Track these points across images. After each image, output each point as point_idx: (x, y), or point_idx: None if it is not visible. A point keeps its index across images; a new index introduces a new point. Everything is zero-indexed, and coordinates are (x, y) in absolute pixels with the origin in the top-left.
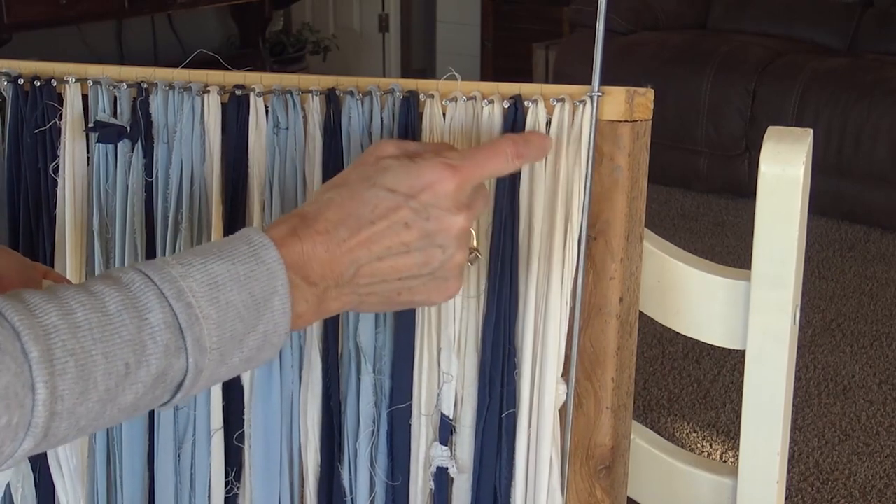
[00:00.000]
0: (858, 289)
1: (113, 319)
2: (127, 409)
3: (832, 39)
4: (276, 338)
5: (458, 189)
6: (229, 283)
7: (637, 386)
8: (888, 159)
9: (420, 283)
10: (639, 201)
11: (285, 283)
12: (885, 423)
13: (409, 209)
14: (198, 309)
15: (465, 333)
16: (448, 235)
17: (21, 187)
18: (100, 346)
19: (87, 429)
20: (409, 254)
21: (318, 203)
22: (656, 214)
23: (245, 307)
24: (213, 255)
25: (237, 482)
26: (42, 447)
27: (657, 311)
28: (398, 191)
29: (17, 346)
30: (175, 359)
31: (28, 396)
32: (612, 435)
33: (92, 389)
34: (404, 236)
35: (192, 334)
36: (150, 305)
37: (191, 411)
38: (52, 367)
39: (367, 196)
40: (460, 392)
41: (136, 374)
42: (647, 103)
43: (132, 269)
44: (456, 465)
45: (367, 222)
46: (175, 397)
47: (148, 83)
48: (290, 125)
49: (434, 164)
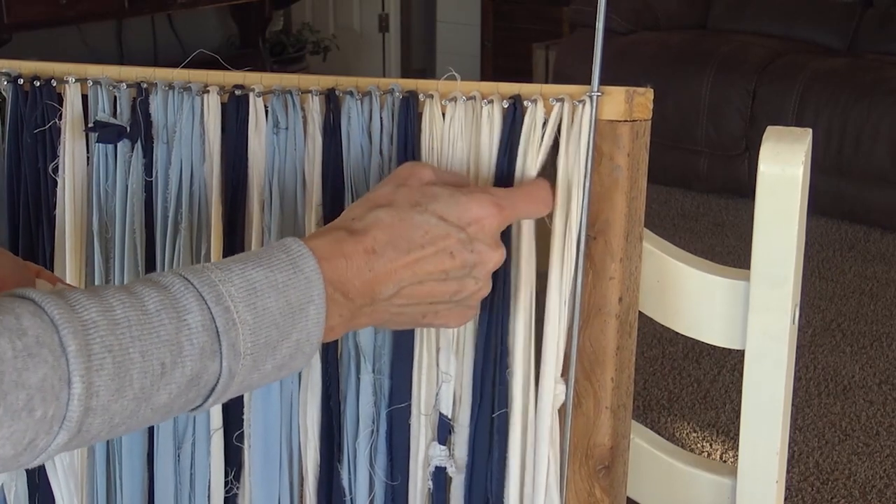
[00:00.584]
0: (858, 289)
1: (152, 319)
2: (160, 409)
3: (832, 39)
4: (308, 347)
5: (500, 226)
6: (267, 290)
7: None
8: (888, 159)
9: (446, 309)
10: (638, 201)
11: (322, 292)
12: (885, 423)
13: (457, 239)
14: (235, 314)
15: (463, 333)
16: (484, 269)
17: (21, 187)
18: (137, 345)
19: (119, 427)
20: (447, 282)
21: (366, 220)
22: (656, 214)
23: (281, 314)
24: (251, 262)
25: (237, 482)
26: (75, 443)
27: (657, 311)
28: (449, 220)
29: (55, 338)
30: (210, 362)
31: (64, 390)
32: (611, 435)
33: (127, 387)
34: (447, 264)
35: (227, 338)
36: (189, 307)
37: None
38: (90, 361)
39: (418, 220)
40: (458, 392)
41: (171, 375)
42: (646, 103)
43: (172, 273)
44: (454, 464)
45: (417, 246)
46: (207, 402)
47: (148, 83)
48: (289, 125)
49: (483, 199)
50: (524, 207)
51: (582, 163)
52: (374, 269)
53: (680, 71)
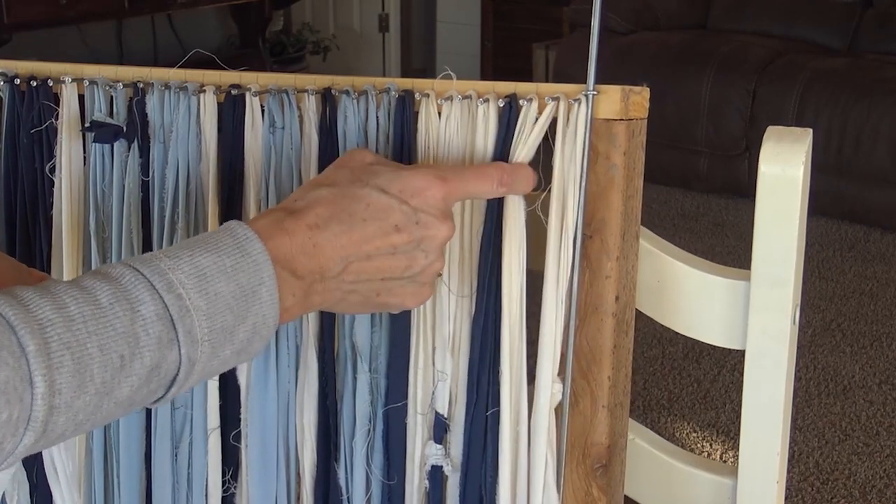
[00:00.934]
0: (858, 289)
1: (106, 312)
2: (123, 402)
3: (832, 39)
4: (265, 329)
5: (445, 199)
6: (217, 275)
7: (637, 386)
8: (888, 159)
9: (399, 286)
10: (634, 200)
11: (272, 273)
12: (885, 423)
13: (401, 212)
14: (188, 300)
15: (459, 332)
16: (432, 242)
17: (17, 187)
18: (94, 339)
19: (84, 424)
20: (396, 256)
21: (307, 199)
22: (656, 214)
23: (234, 298)
24: (199, 248)
25: (234, 481)
26: (41, 443)
27: (657, 310)
28: (391, 192)
29: (13, 340)
30: (168, 350)
31: (27, 390)
32: (608, 433)
33: (89, 382)
34: (394, 238)
35: (183, 326)
36: (141, 298)
37: (187, 411)
38: (50, 360)
39: (359, 194)
40: (454, 391)
41: (130, 367)
42: (642, 102)
43: (121, 265)
44: (450, 463)
45: (359, 219)
46: (169, 392)
47: (144, 83)
48: (286, 125)
49: (425, 172)
50: (474, 184)
51: (578, 161)
52: (318, 244)
53: (680, 71)
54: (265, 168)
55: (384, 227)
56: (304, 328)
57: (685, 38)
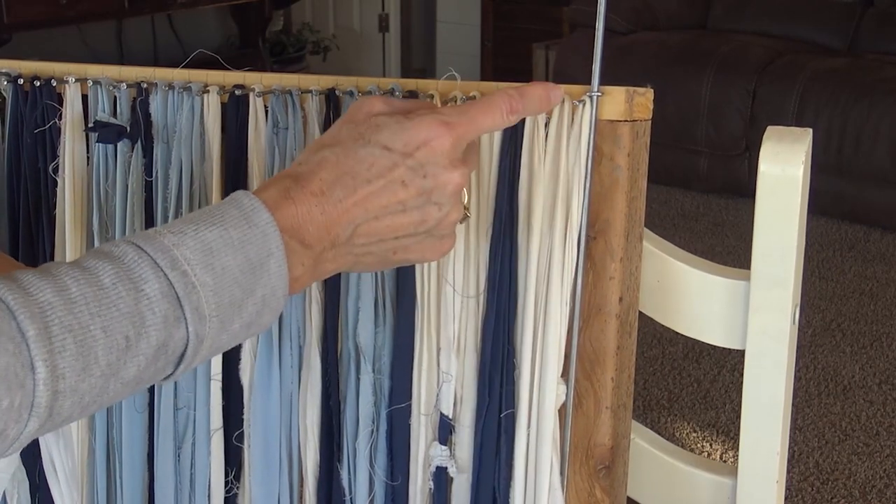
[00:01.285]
0: (858, 289)
1: (109, 293)
2: (130, 382)
3: (832, 39)
4: (274, 301)
5: (454, 146)
6: (223, 249)
7: (637, 386)
8: (888, 159)
9: (415, 242)
10: (638, 201)
11: (280, 244)
12: (885, 423)
13: (406, 167)
14: (193, 277)
15: (464, 333)
16: (444, 193)
17: (21, 187)
18: (98, 321)
19: (91, 406)
20: (406, 212)
21: (311, 163)
22: (656, 214)
23: (241, 272)
24: (204, 222)
25: (237, 482)
26: (48, 427)
27: (657, 310)
28: (394, 149)
29: (12, 325)
30: (175, 329)
31: (28, 376)
32: (611, 435)
33: (93, 365)
34: (401, 195)
35: (189, 303)
36: (145, 276)
37: (190, 411)
38: (51, 344)
39: (362, 154)
40: (459, 392)
41: (136, 347)
42: (646, 103)
43: (124, 242)
44: (455, 464)
45: (363, 181)
46: (178, 369)
47: (147, 83)
48: (289, 125)
49: (429, 120)
50: (483, 120)
51: (582, 163)
52: (325, 211)
53: (680, 71)
54: (268, 168)
55: (390, 186)
56: (307, 329)
57: (685, 38)
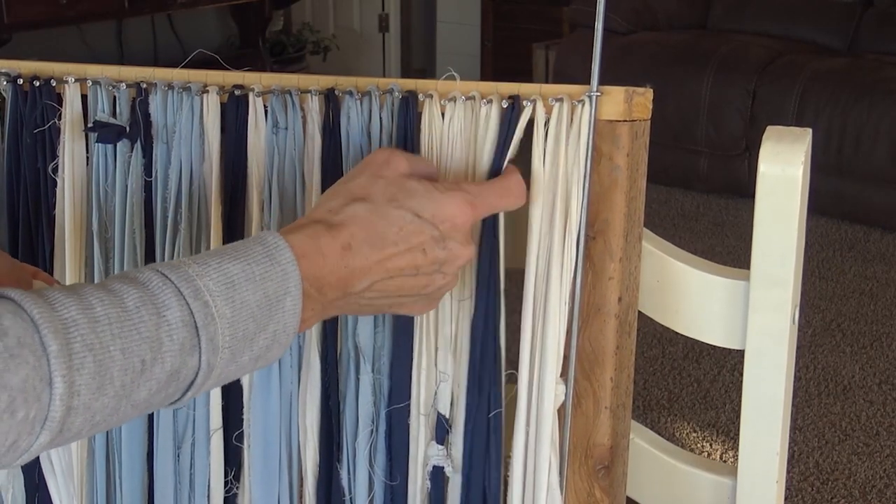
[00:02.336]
0: (858, 289)
1: (132, 316)
2: (140, 405)
3: (832, 39)
4: (284, 337)
5: (472, 224)
6: (245, 283)
7: (637, 386)
8: (888, 159)
9: (412, 301)
10: (638, 201)
11: (298, 283)
12: (885, 423)
13: (430, 237)
14: (214, 308)
15: (459, 334)
16: (454, 265)
17: (20, 187)
18: (118, 342)
19: (100, 424)
20: (417, 277)
21: (344, 214)
22: (656, 214)
23: (258, 307)
24: (228, 256)
25: (236, 482)
26: (57, 442)
27: (657, 310)
28: (423, 217)
29: (35, 338)
30: (189, 357)
31: (45, 390)
32: (610, 434)
33: (108, 385)
34: (419, 261)
35: (206, 333)
36: (168, 303)
37: (190, 411)
38: (71, 361)
39: (394, 216)
40: (456, 391)
41: (151, 371)
42: (645, 103)
43: (149, 269)
44: (451, 464)
45: (391, 243)
46: (185, 396)
47: (147, 83)
48: (289, 125)
49: (459, 198)
50: (497, 202)
51: (581, 163)
52: (349, 265)
53: (680, 71)
54: (268, 169)
55: (413, 251)
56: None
57: (685, 38)
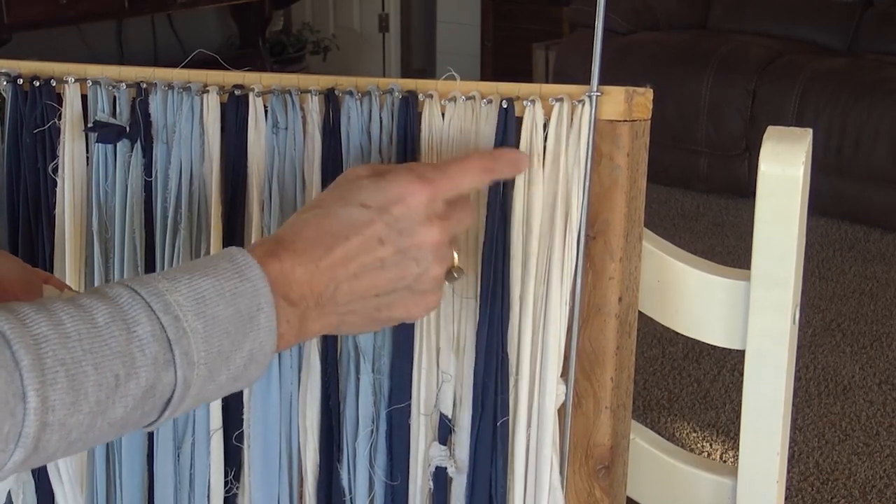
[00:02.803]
0: (858, 289)
1: (102, 331)
2: (116, 423)
3: (832, 39)
4: (262, 356)
5: (430, 201)
6: (215, 298)
7: (637, 386)
8: (888, 159)
9: (397, 298)
10: (638, 201)
11: (270, 300)
12: (885, 423)
13: (382, 223)
14: (185, 322)
15: (463, 334)
16: (421, 249)
17: (20, 187)
18: (90, 357)
19: (76, 443)
20: (384, 269)
21: (295, 225)
22: (656, 214)
23: (231, 323)
24: (198, 272)
25: (236, 482)
26: (33, 461)
27: (657, 311)
28: (370, 206)
29: (7, 354)
30: (164, 372)
31: (19, 405)
32: (611, 435)
33: (83, 400)
34: (379, 252)
35: (180, 347)
36: (137, 318)
37: (190, 412)
38: (44, 376)
39: (340, 213)
40: (459, 392)
41: (125, 387)
42: (646, 103)
43: (119, 285)
44: (454, 465)
45: (341, 238)
46: (163, 416)
47: (147, 83)
48: (289, 125)
49: (405, 177)
50: (459, 178)
51: (581, 163)
52: (307, 269)
53: (680, 71)
54: (268, 169)
55: (368, 243)
56: None
57: (685, 38)
